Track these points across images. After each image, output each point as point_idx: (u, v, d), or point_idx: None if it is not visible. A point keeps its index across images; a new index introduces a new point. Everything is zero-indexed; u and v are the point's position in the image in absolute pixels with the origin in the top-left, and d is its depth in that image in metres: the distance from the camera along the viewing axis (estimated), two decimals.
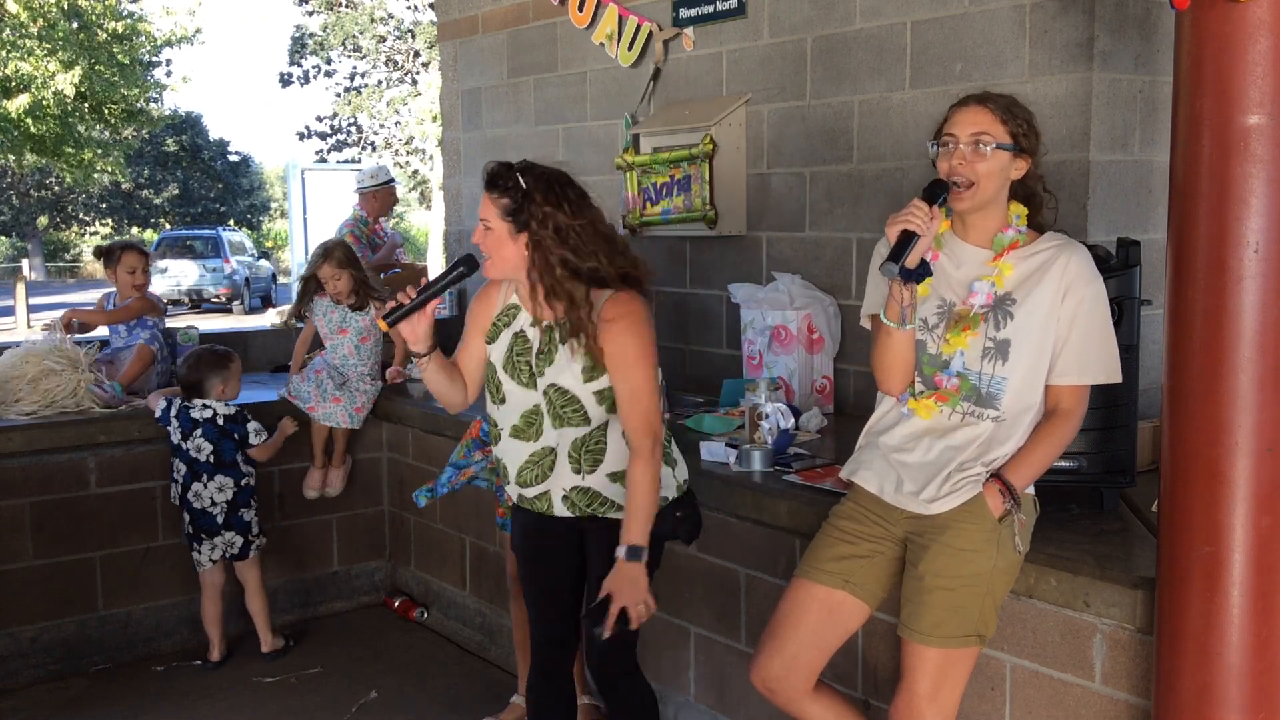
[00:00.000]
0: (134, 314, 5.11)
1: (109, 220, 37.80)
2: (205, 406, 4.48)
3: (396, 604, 5.24)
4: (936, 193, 2.45)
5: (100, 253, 5.30)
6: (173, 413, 4.51)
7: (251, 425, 4.54)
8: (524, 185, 2.72)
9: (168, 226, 36.13)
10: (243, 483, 4.53)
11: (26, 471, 4.52)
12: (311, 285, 5.03)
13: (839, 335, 4.45)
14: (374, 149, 28.83)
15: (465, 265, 2.78)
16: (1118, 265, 2.94)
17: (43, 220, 36.57)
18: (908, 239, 2.39)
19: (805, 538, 3.18)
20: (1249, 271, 2.13)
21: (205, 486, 4.46)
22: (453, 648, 4.90)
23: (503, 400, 2.89)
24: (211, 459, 4.46)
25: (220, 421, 4.48)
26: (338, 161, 27.20)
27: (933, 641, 2.47)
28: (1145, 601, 2.48)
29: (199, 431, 4.46)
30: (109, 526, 4.70)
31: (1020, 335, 2.46)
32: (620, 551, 2.73)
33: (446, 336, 7.02)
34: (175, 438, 4.50)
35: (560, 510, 2.90)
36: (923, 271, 2.44)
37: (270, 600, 4.66)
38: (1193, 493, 2.22)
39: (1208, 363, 2.19)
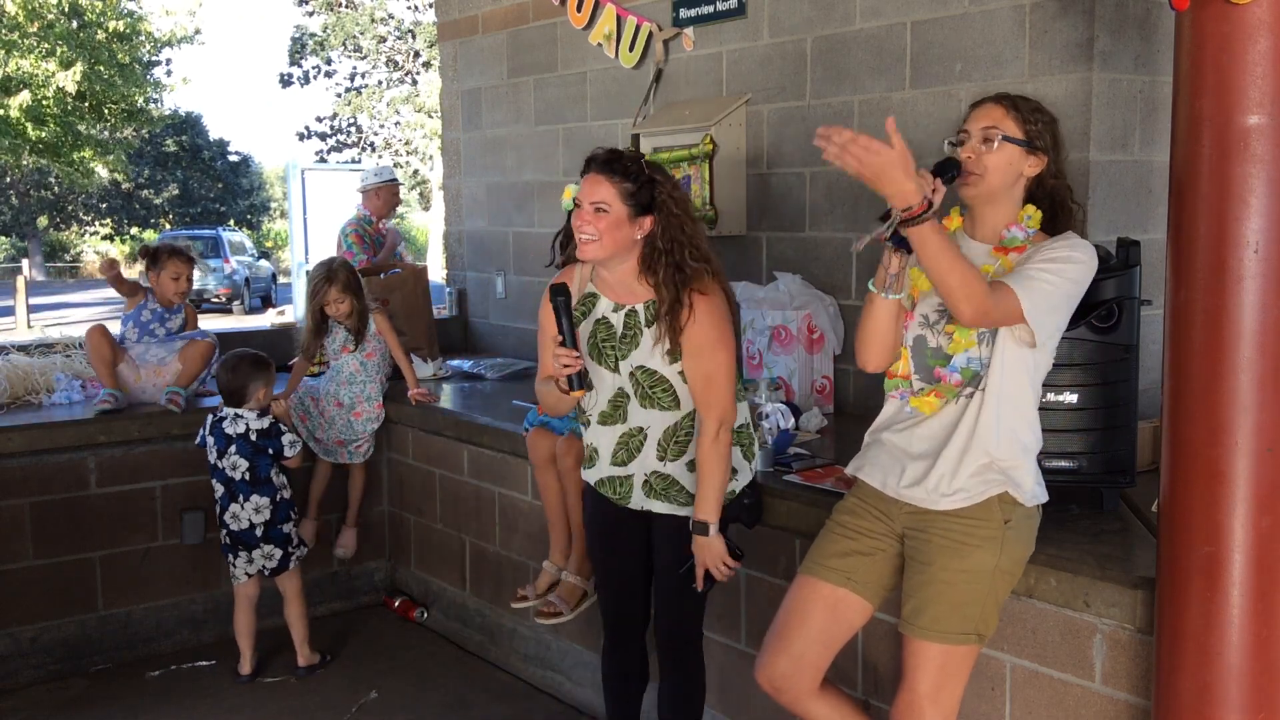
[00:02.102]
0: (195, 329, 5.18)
1: (109, 220, 37.79)
2: (238, 418, 4.33)
3: (396, 604, 5.24)
4: (946, 168, 2.44)
5: (145, 253, 5.08)
6: (207, 430, 4.40)
7: (286, 438, 4.38)
8: (646, 170, 2.87)
9: (168, 226, 36.13)
10: (278, 498, 4.38)
11: (26, 471, 4.52)
12: (321, 317, 4.85)
13: (840, 335, 4.45)
14: (374, 149, 28.85)
15: (563, 295, 2.85)
16: (1118, 265, 2.94)
17: (43, 220, 36.57)
18: None
19: (805, 538, 3.18)
20: (1249, 271, 2.13)
21: (243, 508, 4.32)
22: (453, 648, 4.90)
23: (590, 386, 2.99)
24: (247, 476, 4.31)
25: (254, 437, 4.33)
26: (338, 162, 27.21)
27: (934, 637, 2.47)
28: (1145, 601, 2.48)
29: (233, 448, 4.32)
30: (109, 526, 4.69)
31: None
32: (693, 527, 2.96)
33: (445, 334, 7.04)
34: (212, 457, 4.36)
35: (637, 496, 3.07)
36: None
37: (270, 600, 4.65)
38: (1193, 493, 2.22)
39: (1208, 363, 2.19)
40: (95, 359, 4.84)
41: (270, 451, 4.36)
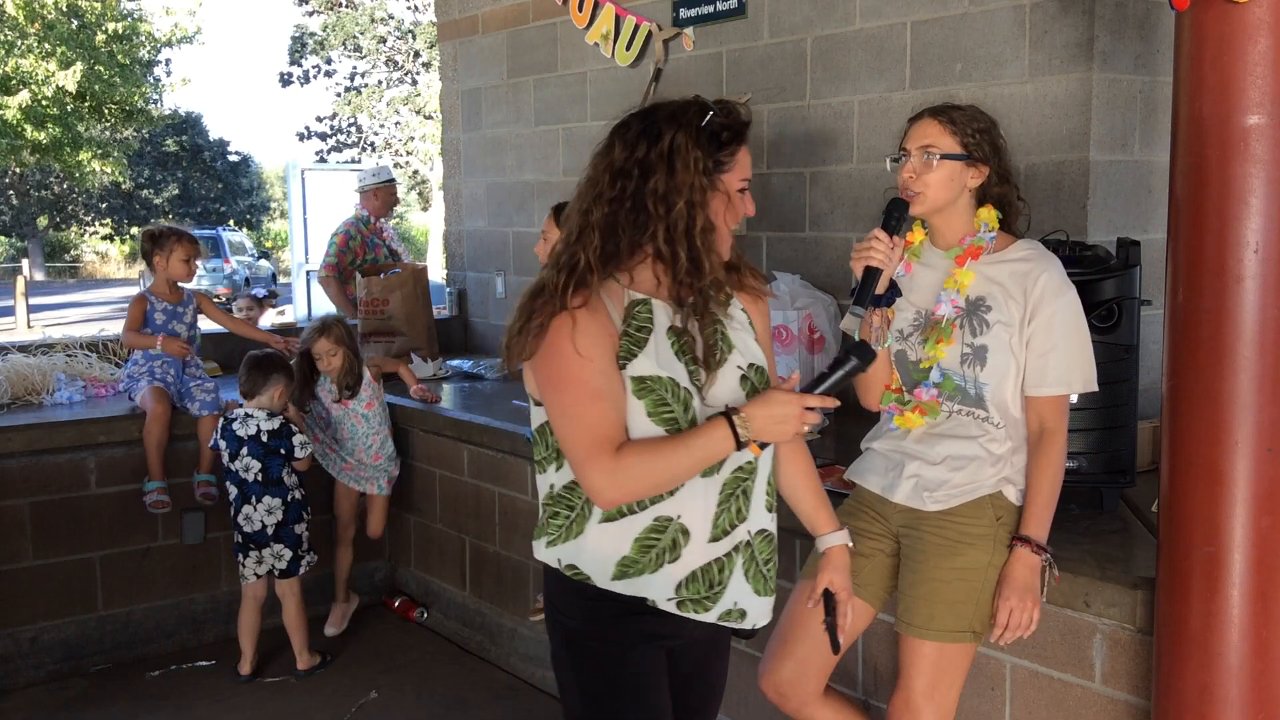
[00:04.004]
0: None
1: (109, 220, 37.78)
2: (248, 419, 4.34)
3: (396, 604, 5.23)
4: (894, 217, 2.46)
5: (150, 236, 4.91)
6: (219, 434, 4.40)
7: (297, 439, 4.39)
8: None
9: None
10: (290, 498, 4.38)
11: (26, 471, 4.52)
12: (308, 366, 4.68)
13: (840, 335, 4.46)
14: (374, 149, 28.85)
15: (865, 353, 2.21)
16: (1118, 265, 2.94)
17: (43, 220, 36.54)
18: (871, 275, 2.41)
19: (805, 538, 3.18)
20: (1249, 271, 2.13)
21: (255, 509, 4.33)
22: (453, 648, 4.89)
23: (692, 422, 2.07)
24: (259, 477, 4.31)
25: (265, 438, 4.33)
26: (338, 162, 27.22)
27: (929, 635, 2.48)
28: (1145, 601, 2.48)
29: (244, 450, 4.32)
30: (109, 526, 4.69)
31: (995, 343, 2.47)
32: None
33: (445, 334, 7.02)
34: (225, 459, 4.37)
35: (735, 589, 2.12)
36: (892, 295, 2.49)
37: (272, 600, 4.63)
38: (1193, 493, 2.22)
39: (1208, 363, 2.18)
40: (152, 448, 4.65)
41: (282, 452, 4.37)
